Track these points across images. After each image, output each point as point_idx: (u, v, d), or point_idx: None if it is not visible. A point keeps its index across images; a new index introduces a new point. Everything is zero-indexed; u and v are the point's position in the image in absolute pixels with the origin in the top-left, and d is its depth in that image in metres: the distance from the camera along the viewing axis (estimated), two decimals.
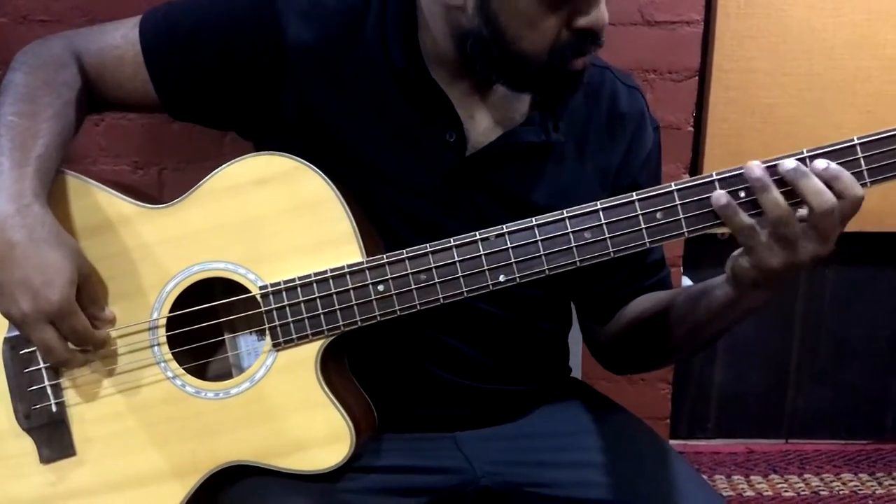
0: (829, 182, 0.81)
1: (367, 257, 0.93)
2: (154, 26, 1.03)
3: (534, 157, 1.04)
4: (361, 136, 1.01)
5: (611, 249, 0.89)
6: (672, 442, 2.23)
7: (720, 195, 0.84)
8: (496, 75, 0.96)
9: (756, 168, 0.82)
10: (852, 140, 0.83)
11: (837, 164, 0.82)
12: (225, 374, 1.03)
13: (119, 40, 1.03)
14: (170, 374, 0.98)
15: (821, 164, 0.81)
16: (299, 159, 0.95)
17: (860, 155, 0.83)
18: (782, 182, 0.82)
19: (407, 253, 0.92)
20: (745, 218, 0.83)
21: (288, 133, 1.01)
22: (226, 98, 1.03)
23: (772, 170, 0.83)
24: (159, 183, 1.84)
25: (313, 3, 1.02)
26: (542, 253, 0.90)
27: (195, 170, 1.78)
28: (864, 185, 0.83)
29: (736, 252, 0.87)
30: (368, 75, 1.01)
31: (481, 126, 1.02)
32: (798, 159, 0.83)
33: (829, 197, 0.80)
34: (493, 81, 0.98)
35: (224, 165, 0.96)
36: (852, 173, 0.82)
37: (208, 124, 1.09)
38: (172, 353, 0.98)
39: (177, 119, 1.08)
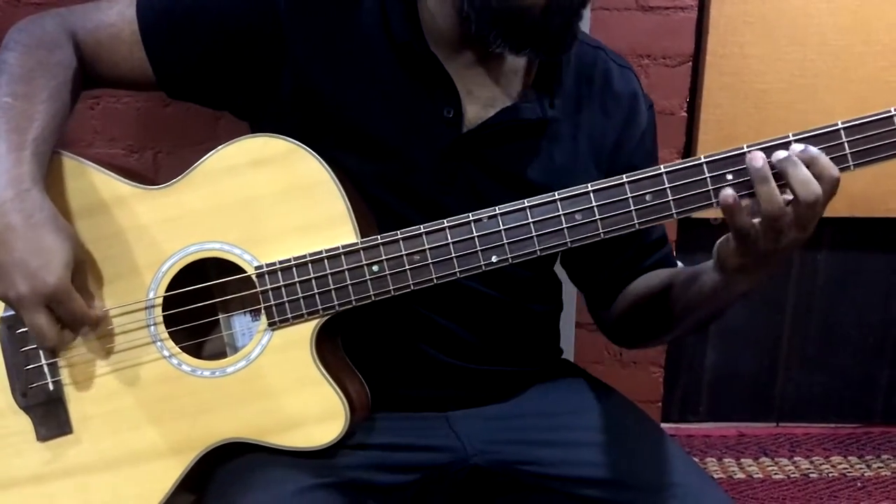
0: (807, 164, 0.83)
1: (362, 238, 0.94)
2: (151, 4, 1.03)
3: (530, 134, 1.04)
4: (359, 111, 1.01)
5: (601, 230, 0.90)
6: (664, 425, 2.25)
7: (728, 194, 0.84)
8: (495, 32, 0.95)
9: (759, 158, 0.84)
10: (836, 125, 0.85)
11: (821, 147, 0.84)
12: (220, 354, 1.03)
13: (115, 18, 1.03)
14: (166, 353, 0.99)
15: (798, 146, 0.84)
16: (295, 141, 0.95)
17: (844, 139, 0.85)
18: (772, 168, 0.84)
19: (401, 234, 0.94)
20: (746, 219, 0.84)
21: (285, 110, 1.02)
22: (223, 76, 1.03)
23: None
24: (154, 166, 1.85)
25: None
26: (533, 234, 0.91)
27: (190, 153, 1.75)
28: (847, 168, 0.85)
29: (723, 238, 0.88)
30: (367, 50, 1.01)
31: (479, 102, 1.03)
32: (783, 143, 0.85)
33: (816, 187, 0.82)
34: (492, 42, 0.96)
35: (220, 147, 0.97)
36: (836, 157, 0.84)
37: (204, 103, 1.09)
38: (168, 333, 0.98)
39: (173, 98, 1.09)
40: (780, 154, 0.84)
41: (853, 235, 2.19)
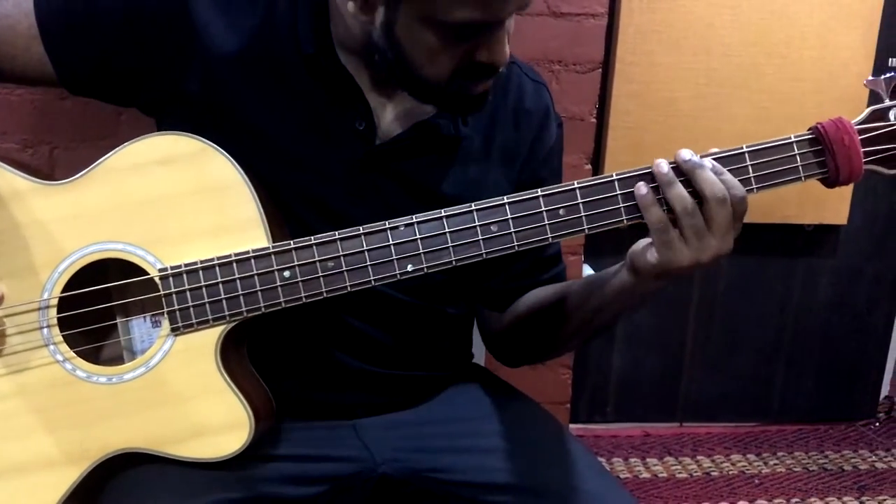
0: (715, 173, 0.86)
1: (274, 243, 0.92)
2: None
3: (442, 149, 1.04)
4: (269, 120, 0.99)
5: (515, 243, 0.91)
6: (572, 426, 2.28)
7: (642, 185, 0.87)
8: (401, 88, 0.96)
9: (663, 164, 0.87)
10: (741, 148, 0.88)
11: (728, 169, 0.87)
12: (118, 360, 0.99)
13: (10, 10, 0.98)
14: (59, 357, 0.94)
15: (707, 162, 0.87)
16: (207, 141, 0.92)
17: (748, 163, 0.88)
18: (679, 172, 0.87)
19: (315, 240, 0.91)
20: (660, 212, 0.86)
21: (193, 110, 0.98)
22: (127, 74, 0.99)
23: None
24: (50, 162, 1.76)
25: None
26: (449, 244, 0.91)
27: (89, 149, 1.71)
28: (750, 190, 0.88)
29: (640, 244, 0.90)
30: (278, 60, 0.99)
31: (391, 115, 1.02)
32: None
33: (721, 187, 0.85)
34: (398, 89, 0.98)
35: (127, 143, 0.93)
36: (741, 179, 0.87)
37: (108, 100, 1.04)
38: (63, 336, 0.94)
39: (75, 94, 1.04)
40: (684, 155, 0.87)
41: (752, 241, 2.26)
